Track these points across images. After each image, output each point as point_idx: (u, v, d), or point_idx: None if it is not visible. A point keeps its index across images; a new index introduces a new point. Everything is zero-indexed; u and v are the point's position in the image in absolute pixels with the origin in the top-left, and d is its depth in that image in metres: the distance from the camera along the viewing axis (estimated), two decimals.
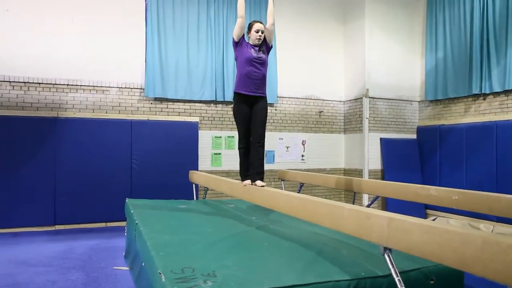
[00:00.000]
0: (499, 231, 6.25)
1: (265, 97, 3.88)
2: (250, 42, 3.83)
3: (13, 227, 6.08)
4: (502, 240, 1.43)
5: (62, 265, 4.37)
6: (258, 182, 3.63)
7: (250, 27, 3.83)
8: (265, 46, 3.86)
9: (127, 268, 4.14)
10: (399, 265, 2.06)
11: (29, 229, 6.14)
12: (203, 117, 7.44)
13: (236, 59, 3.90)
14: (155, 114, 7.11)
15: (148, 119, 6.98)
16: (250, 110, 3.82)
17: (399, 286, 1.90)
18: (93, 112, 6.71)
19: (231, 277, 2.07)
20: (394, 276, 1.93)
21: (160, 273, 2.08)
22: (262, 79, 3.82)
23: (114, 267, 4.29)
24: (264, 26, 3.81)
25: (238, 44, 3.84)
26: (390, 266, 1.96)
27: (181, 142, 7.10)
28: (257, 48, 3.80)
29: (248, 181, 3.70)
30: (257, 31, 3.75)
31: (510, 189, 5.75)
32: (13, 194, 6.09)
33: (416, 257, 1.96)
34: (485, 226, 6.50)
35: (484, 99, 7.11)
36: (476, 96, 7.23)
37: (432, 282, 2.34)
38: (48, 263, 4.42)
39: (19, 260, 4.53)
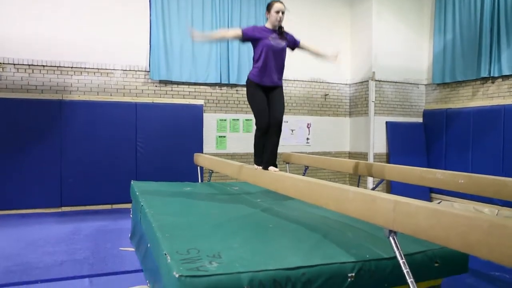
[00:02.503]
0: (503, 215, 6.25)
1: (282, 86, 3.65)
2: (268, 25, 3.52)
3: (20, 209, 6.16)
4: (508, 224, 1.42)
5: (69, 245, 4.44)
6: (272, 168, 3.46)
7: (269, 7, 3.50)
8: (289, 36, 3.60)
9: (133, 249, 4.19)
10: (404, 247, 2.06)
11: (36, 211, 6.22)
12: (208, 99, 7.41)
13: (253, 45, 3.59)
14: (160, 97, 7.09)
15: (152, 102, 6.97)
16: (267, 96, 3.57)
17: (403, 268, 1.91)
18: (98, 95, 6.70)
19: (236, 258, 2.09)
20: (399, 258, 1.94)
21: (165, 254, 2.10)
22: (281, 68, 3.59)
23: (121, 248, 4.34)
24: (285, 8, 3.50)
25: (249, 38, 3.50)
26: (395, 249, 1.96)
27: (186, 125, 7.10)
28: (276, 34, 3.49)
29: (260, 167, 3.55)
30: (278, 12, 3.45)
31: None
32: (20, 176, 6.15)
33: (421, 240, 1.96)
34: (490, 210, 6.50)
35: (493, 82, 7.00)
36: (484, 80, 7.11)
37: (436, 265, 2.34)
38: (56, 244, 4.49)
39: (27, 240, 4.60)
